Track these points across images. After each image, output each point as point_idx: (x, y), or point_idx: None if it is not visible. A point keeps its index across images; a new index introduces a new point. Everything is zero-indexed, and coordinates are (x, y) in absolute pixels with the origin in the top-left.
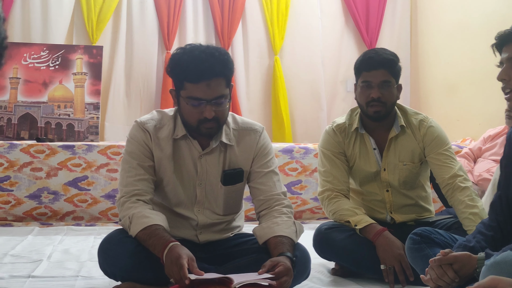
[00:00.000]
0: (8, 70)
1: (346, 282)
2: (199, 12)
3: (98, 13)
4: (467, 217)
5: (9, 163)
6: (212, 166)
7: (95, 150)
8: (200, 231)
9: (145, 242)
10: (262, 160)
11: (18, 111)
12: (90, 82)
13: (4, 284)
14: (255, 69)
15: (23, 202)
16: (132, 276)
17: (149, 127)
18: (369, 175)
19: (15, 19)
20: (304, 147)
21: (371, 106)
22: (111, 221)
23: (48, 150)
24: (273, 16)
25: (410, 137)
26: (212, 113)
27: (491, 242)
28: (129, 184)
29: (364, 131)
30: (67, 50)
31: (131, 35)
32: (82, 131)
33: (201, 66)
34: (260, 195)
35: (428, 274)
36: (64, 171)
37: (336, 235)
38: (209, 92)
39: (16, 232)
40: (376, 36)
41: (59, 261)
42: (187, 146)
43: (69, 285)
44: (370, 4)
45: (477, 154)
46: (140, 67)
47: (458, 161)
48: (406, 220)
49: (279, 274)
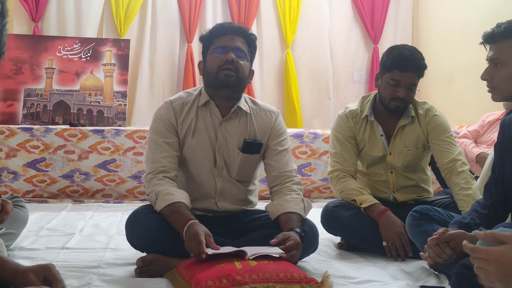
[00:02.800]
0: (44, 61)
1: (350, 255)
2: (218, 8)
3: (126, 8)
4: (461, 199)
5: (44, 146)
6: (231, 134)
7: (123, 134)
8: (218, 198)
9: (168, 217)
10: (277, 138)
11: (53, 98)
12: (118, 72)
13: (40, 255)
14: (269, 61)
15: (57, 181)
16: (156, 248)
17: (176, 105)
18: (376, 158)
19: (50, 15)
20: (313, 132)
21: (394, 101)
22: (137, 199)
23: (80, 134)
24: (285, 12)
25: (416, 125)
26: (232, 56)
27: (485, 219)
28: (155, 161)
29: (373, 119)
30: (97, 43)
31: (155, 29)
32: (111, 117)
33: (228, 25)
34: (273, 171)
35: (427, 252)
36: (94, 154)
37: (342, 213)
38: (232, 42)
39: (51, 208)
40: (380, 31)
41: (90, 235)
42: (209, 114)
43: (99, 256)
44: (375, 1)
45: (474, 136)
46: (163, 58)
47: (457, 147)
48: (407, 199)
49: (289, 247)
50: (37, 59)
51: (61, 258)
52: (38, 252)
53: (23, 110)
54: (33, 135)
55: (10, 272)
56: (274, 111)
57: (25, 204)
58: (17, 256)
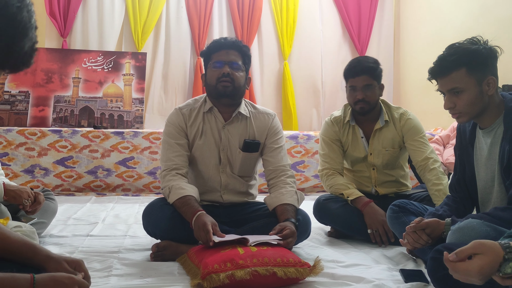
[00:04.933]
0: (71, 71)
1: (339, 242)
2: (223, 24)
3: (143, 25)
4: (434, 193)
5: (71, 146)
6: (233, 136)
7: (140, 135)
8: (223, 191)
9: (179, 209)
10: (273, 137)
11: (79, 104)
12: (136, 82)
13: (68, 241)
14: (268, 72)
15: (83, 176)
16: (169, 235)
17: (185, 111)
18: (359, 158)
19: (77, 31)
20: (306, 134)
21: (357, 104)
22: (152, 192)
23: (102, 135)
24: (283, 29)
25: (392, 128)
26: (227, 70)
27: (455, 212)
28: (169, 160)
29: (354, 123)
30: (118, 55)
31: (169, 44)
32: (129, 120)
33: (223, 41)
34: (270, 166)
35: (405, 239)
36: (115, 152)
37: (332, 205)
38: (227, 57)
39: (77, 200)
40: (366, 45)
41: (111, 224)
42: (213, 119)
43: (119, 242)
44: (361, 19)
45: (445, 140)
46: (176, 69)
47: (430, 146)
48: (387, 192)
49: (286, 236)
50: (65, 70)
51: (86, 244)
52: (66, 239)
53: (53, 114)
54: (61, 136)
55: (43, 257)
56: (271, 113)
57: (54, 196)
58: (47, 242)
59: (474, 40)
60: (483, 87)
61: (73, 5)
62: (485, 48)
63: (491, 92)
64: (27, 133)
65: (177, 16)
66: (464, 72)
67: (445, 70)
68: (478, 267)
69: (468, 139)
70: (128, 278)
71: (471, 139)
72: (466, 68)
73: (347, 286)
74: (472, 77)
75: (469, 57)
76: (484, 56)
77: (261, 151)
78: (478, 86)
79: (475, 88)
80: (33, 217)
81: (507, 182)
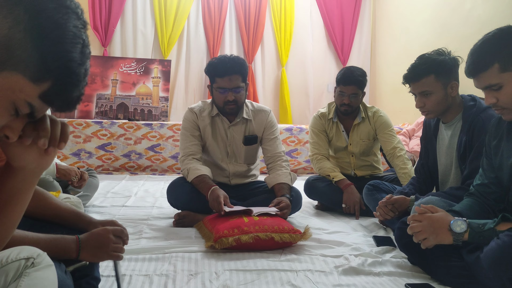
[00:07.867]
0: (111, 74)
1: (324, 214)
2: (233, 37)
3: (168, 37)
4: (401, 176)
5: (110, 134)
6: (237, 134)
7: (165, 127)
8: (231, 177)
9: (197, 185)
10: (269, 130)
11: (116, 101)
12: (162, 83)
13: (107, 211)
14: (269, 77)
15: (119, 159)
16: (188, 206)
17: (196, 110)
18: (341, 147)
19: (115, 41)
20: (299, 127)
21: (343, 106)
22: (175, 172)
23: (135, 126)
24: (281, 42)
25: (367, 123)
26: (232, 97)
27: (419, 190)
28: (186, 148)
29: (336, 120)
30: (148, 62)
31: (189, 53)
32: (157, 114)
33: (225, 66)
34: (268, 153)
35: (378, 212)
36: (145, 140)
37: (319, 184)
38: (230, 83)
39: (114, 178)
40: (348, 56)
41: (142, 197)
42: (220, 121)
43: (148, 212)
44: (344, 34)
45: (411, 133)
46: (195, 74)
47: (397, 137)
48: (364, 174)
49: (282, 208)
50: (105, 73)
51: (121, 213)
52: (105, 208)
53: (95, 109)
54: (102, 127)
55: (85, 223)
56: (266, 110)
57: (96, 175)
58: (91, 211)
59: (440, 51)
60: (447, 90)
61: (112, 21)
62: (450, 58)
63: (454, 94)
64: (75, 124)
65: (196, 30)
66: (432, 78)
67: (416, 76)
68: (430, 216)
69: (433, 131)
70: (155, 240)
71: (435, 131)
72: (434, 74)
73: (330, 248)
74: (439, 82)
75: (437, 66)
76: (449, 65)
77: (260, 141)
78: (444, 89)
79: (441, 91)
80: (79, 190)
81: (463, 166)
